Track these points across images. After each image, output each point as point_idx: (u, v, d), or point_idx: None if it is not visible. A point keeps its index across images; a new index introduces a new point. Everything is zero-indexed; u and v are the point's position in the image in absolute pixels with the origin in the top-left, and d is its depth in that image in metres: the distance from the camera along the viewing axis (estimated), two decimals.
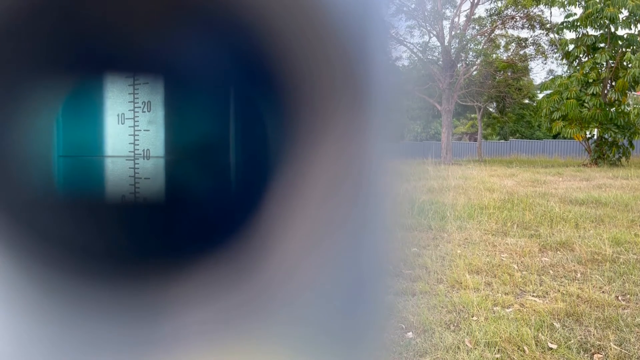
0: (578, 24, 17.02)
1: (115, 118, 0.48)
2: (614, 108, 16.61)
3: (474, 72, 20.67)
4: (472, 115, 27.97)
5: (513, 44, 21.27)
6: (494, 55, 21.23)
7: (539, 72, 55.15)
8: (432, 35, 19.73)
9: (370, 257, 0.38)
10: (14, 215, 0.37)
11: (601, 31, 16.84)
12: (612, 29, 16.56)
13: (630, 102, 17.37)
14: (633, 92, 17.32)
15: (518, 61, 21.23)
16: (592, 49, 17.08)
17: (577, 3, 16.90)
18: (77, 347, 0.35)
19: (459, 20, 20.07)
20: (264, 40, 0.36)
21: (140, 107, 0.48)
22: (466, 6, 20.05)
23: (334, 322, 0.37)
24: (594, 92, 16.47)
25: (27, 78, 0.40)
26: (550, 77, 20.53)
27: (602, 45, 16.97)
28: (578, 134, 16.71)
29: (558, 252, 4.66)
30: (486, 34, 20.56)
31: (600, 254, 4.46)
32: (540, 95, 19.69)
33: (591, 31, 16.99)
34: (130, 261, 0.41)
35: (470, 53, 20.71)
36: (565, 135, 17.03)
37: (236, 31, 0.38)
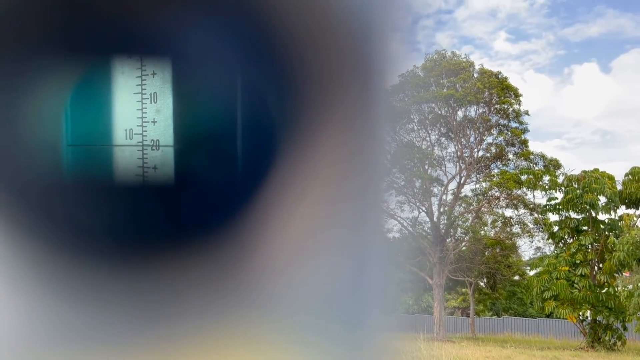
0: (560, 207, 17.79)
1: (122, 107, 0.48)
2: (604, 290, 16.55)
3: (463, 248, 21.01)
4: (464, 290, 27.73)
5: (499, 222, 21.98)
6: (482, 232, 21.81)
7: (526, 250, 56.18)
8: (421, 210, 20.51)
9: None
10: (23, 203, 0.38)
11: (583, 215, 17.54)
12: (593, 214, 17.28)
13: (619, 284, 17.38)
14: (621, 274, 17.43)
15: (505, 239, 21.73)
16: (576, 231, 17.60)
17: (558, 188, 17.89)
18: (80, 327, 0.36)
19: (446, 197, 21.06)
20: (273, 31, 0.37)
21: (147, 97, 0.48)
22: (453, 185, 21.21)
23: (329, 312, 0.37)
24: (583, 274, 16.56)
25: (35, 68, 0.40)
26: (539, 254, 20.82)
27: (585, 228, 17.53)
28: (571, 315, 16.40)
29: None
30: (473, 212, 21.38)
31: None
32: (530, 273, 19.74)
33: (573, 214, 17.69)
34: (138, 248, 0.42)
35: (459, 229, 21.32)
36: (559, 316, 16.69)
37: (244, 20, 0.39)
